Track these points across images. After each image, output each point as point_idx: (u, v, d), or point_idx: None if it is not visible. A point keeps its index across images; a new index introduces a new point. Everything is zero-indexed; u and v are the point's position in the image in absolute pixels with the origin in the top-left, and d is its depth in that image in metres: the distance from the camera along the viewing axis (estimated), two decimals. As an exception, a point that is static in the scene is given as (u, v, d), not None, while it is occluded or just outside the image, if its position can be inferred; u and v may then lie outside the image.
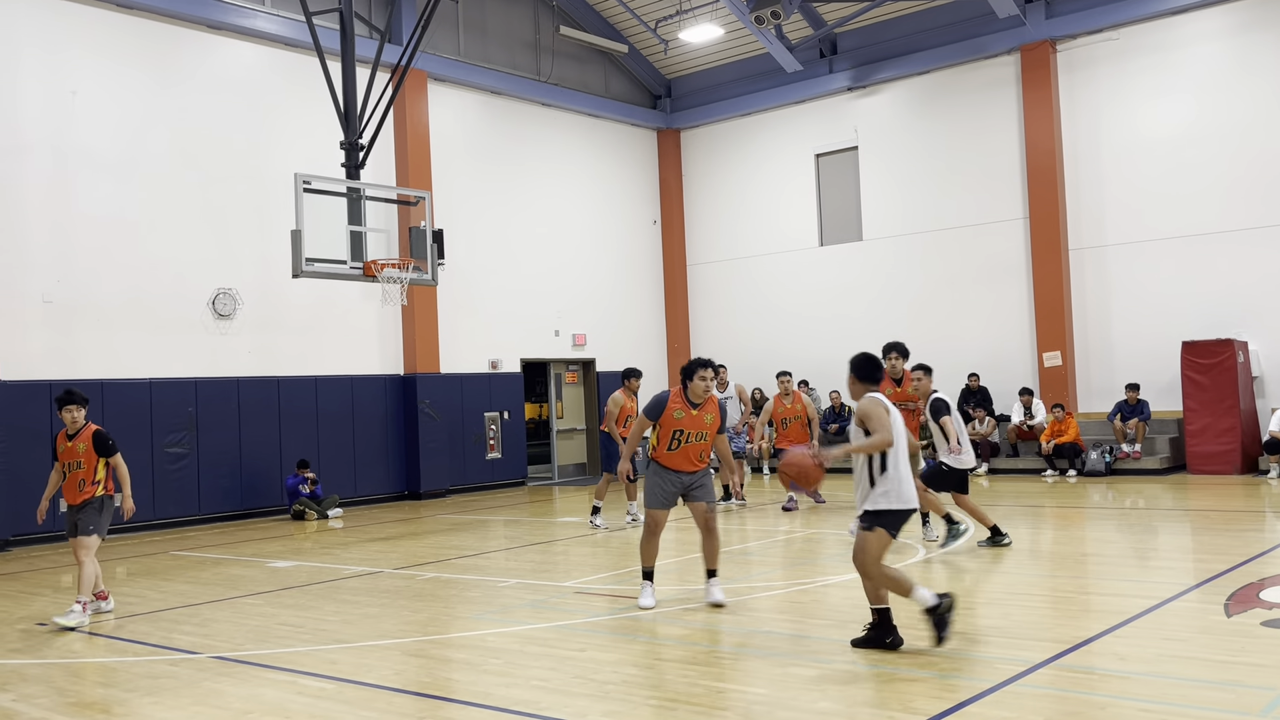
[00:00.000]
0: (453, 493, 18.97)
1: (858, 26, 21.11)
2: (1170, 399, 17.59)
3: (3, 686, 6.65)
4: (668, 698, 5.75)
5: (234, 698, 6.17)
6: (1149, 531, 11.68)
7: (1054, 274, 18.78)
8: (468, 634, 7.67)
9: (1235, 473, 16.33)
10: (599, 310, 22.25)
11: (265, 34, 16.94)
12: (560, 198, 21.66)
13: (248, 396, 16.43)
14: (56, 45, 14.90)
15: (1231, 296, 17.24)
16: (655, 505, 8.04)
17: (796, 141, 22.11)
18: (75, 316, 14.86)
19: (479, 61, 20.30)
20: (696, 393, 7.89)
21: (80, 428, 8.70)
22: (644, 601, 8.04)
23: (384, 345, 18.58)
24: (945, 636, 6.37)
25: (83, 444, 8.63)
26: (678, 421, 7.89)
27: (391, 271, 13.57)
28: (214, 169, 16.37)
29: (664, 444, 7.97)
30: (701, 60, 23.18)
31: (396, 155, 18.64)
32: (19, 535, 14.03)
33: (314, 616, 8.49)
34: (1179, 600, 7.64)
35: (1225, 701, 5.27)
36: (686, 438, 7.91)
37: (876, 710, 5.36)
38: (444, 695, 6.11)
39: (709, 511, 8.03)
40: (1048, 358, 18.82)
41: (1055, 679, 5.80)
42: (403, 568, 10.84)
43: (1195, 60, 17.77)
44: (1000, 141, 19.58)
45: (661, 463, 8.02)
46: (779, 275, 22.33)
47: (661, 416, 7.92)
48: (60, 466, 8.73)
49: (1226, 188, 17.37)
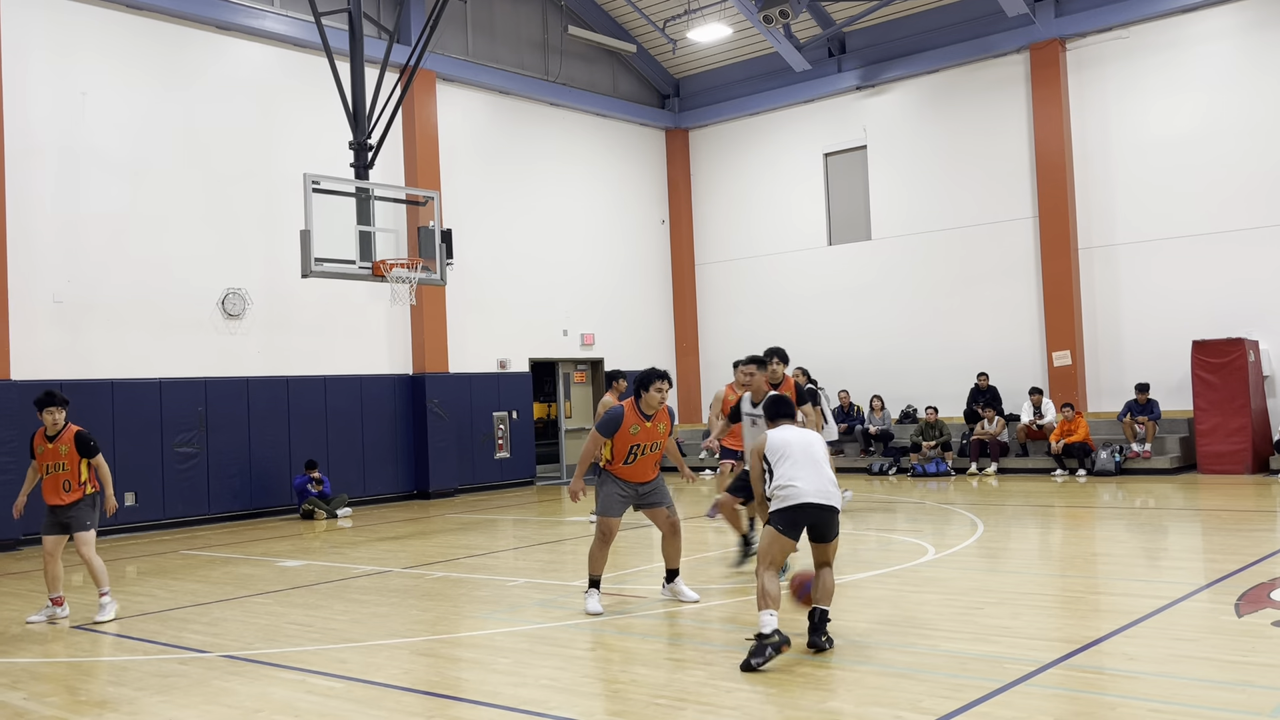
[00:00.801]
0: (461, 492, 19.00)
1: (866, 25, 21.08)
2: (1180, 398, 17.53)
3: (14, 685, 6.68)
4: (676, 697, 5.75)
5: (244, 696, 6.18)
6: (1159, 531, 11.64)
7: (1063, 273, 18.73)
8: (476, 633, 7.68)
9: (1246, 472, 16.26)
10: (607, 310, 22.26)
11: (274, 34, 16.98)
12: (568, 197, 21.67)
13: (257, 396, 16.47)
14: (66, 46, 14.95)
15: (1242, 295, 17.17)
16: (612, 513, 8.04)
17: (805, 141, 22.09)
18: (85, 316, 14.91)
19: (487, 61, 20.32)
20: (650, 404, 7.92)
21: (60, 429, 8.67)
22: (591, 607, 7.97)
23: (393, 345, 18.61)
24: (752, 664, 6.08)
25: (64, 445, 8.62)
26: (634, 436, 7.91)
27: (400, 271, 13.59)
28: (223, 169, 16.42)
29: (620, 458, 7.98)
30: (710, 60, 23.17)
31: (405, 155, 18.66)
32: (30, 535, 14.07)
33: (323, 616, 8.51)
34: (1189, 600, 7.61)
35: (1236, 702, 5.25)
36: (643, 450, 7.96)
37: (885, 710, 5.35)
38: (453, 694, 6.11)
39: (671, 515, 8.15)
40: (1057, 357, 18.77)
41: (1065, 679, 5.78)
42: (411, 567, 10.86)
43: (1205, 58, 17.70)
44: (1009, 140, 19.53)
45: (618, 475, 8.05)
46: (787, 275, 22.31)
47: (617, 433, 7.92)
48: (39, 467, 8.73)
49: (1236, 186, 17.30)
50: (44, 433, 8.70)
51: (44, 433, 8.70)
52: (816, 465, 6.56)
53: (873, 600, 8.13)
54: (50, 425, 8.66)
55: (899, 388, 20.19)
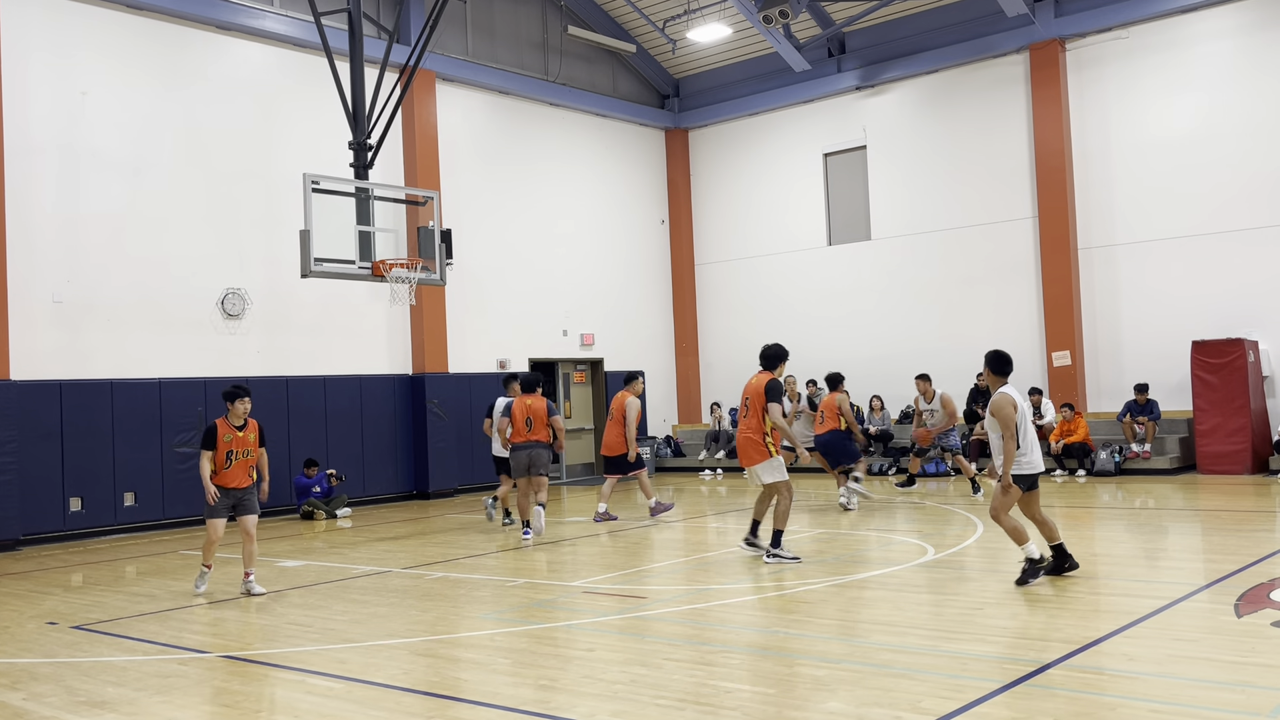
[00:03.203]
0: (461, 492, 19.00)
1: (866, 26, 21.08)
2: (1180, 399, 17.53)
3: (14, 685, 6.68)
4: (676, 698, 5.75)
5: (243, 697, 6.18)
6: (1159, 532, 11.64)
7: (1063, 273, 18.73)
8: (476, 633, 7.68)
9: (1245, 473, 16.27)
10: (607, 310, 22.26)
11: (274, 34, 16.98)
12: (568, 197, 21.67)
13: (257, 396, 16.13)
14: (66, 46, 14.95)
15: (1241, 296, 17.18)
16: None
17: (805, 141, 22.09)
18: (85, 316, 14.91)
19: (487, 61, 20.32)
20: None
21: (247, 420, 9.53)
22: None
23: (392, 345, 18.61)
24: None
25: (252, 434, 9.53)
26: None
27: (400, 271, 13.59)
28: (223, 169, 16.42)
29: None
30: (710, 60, 23.17)
31: (405, 155, 18.66)
32: (30, 534, 14.09)
33: (322, 616, 8.51)
34: (1189, 601, 7.61)
35: (1235, 702, 5.25)
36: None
37: (885, 710, 5.35)
38: (452, 695, 6.11)
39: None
40: (1057, 357, 18.77)
41: (1065, 679, 5.78)
42: (411, 567, 10.86)
43: (1205, 59, 17.71)
44: (1009, 140, 19.53)
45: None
46: (787, 275, 22.31)
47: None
48: (219, 455, 9.32)
49: (1236, 187, 17.31)
50: (229, 423, 9.41)
51: (229, 423, 9.41)
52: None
53: (873, 600, 8.13)
54: (240, 415, 9.45)
55: (898, 388, 20.14)
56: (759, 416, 9.80)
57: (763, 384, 9.80)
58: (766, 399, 9.73)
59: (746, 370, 21.22)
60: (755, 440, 9.79)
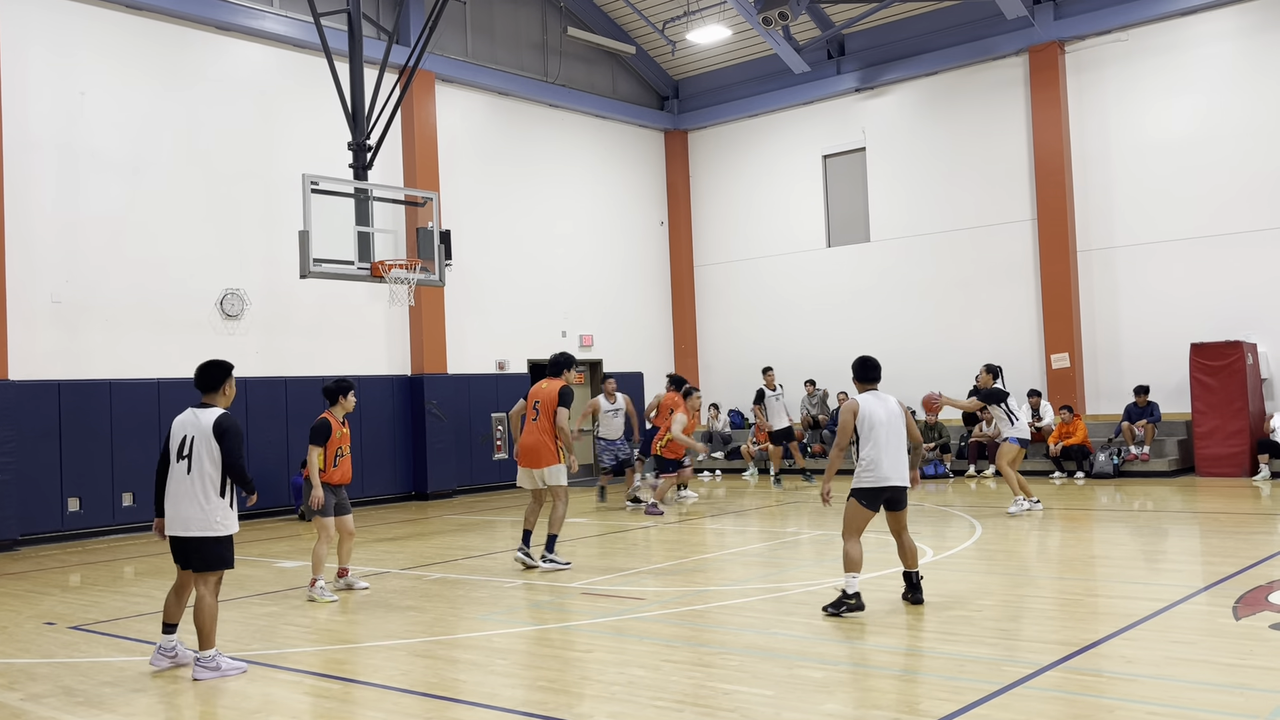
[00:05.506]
0: (459, 493, 18.99)
1: (866, 28, 21.09)
2: (1179, 401, 17.53)
3: (12, 685, 6.67)
4: (674, 699, 5.75)
5: (241, 697, 6.18)
6: (1157, 534, 11.64)
7: (1062, 275, 18.73)
8: (474, 634, 7.68)
9: (1244, 475, 16.27)
10: (606, 311, 22.26)
11: (273, 35, 16.98)
12: (567, 199, 21.67)
13: (255, 397, 16.45)
14: (65, 46, 14.95)
15: (1240, 298, 17.18)
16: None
17: (804, 143, 22.09)
18: (83, 316, 14.90)
19: (486, 62, 20.32)
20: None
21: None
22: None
23: (391, 346, 18.60)
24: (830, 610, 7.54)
25: (346, 428, 9.37)
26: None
27: (399, 272, 13.59)
28: (222, 169, 16.41)
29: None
30: (709, 61, 23.17)
31: (404, 156, 18.66)
32: (28, 535, 14.08)
33: (321, 617, 8.50)
34: (1187, 603, 7.61)
35: (1233, 705, 5.25)
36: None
37: (883, 712, 5.35)
38: (450, 696, 6.11)
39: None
40: (1056, 359, 18.78)
41: (1063, 681, 5.78)
42: (409, 568, 10.85)
43: (1204, 61, 17.71)
44: (1008, 143, 19.54)
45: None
46: (786, 276, 22.31)
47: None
48: (329, 451, 9.15)
49: (1236, 189, 17.31)
50: (336, 418, 9.24)
51: (336, 418, 9.24)
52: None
53: (871, 602, 8.12)
54: (350, 408, 9.32)
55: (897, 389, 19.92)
56: (550, 419, 10.22)
57: (555, 389, 10.26)
58: (559, 403, 10.20)
59: (746, 371, 21.45)
60: (547, 443, 10.22)
